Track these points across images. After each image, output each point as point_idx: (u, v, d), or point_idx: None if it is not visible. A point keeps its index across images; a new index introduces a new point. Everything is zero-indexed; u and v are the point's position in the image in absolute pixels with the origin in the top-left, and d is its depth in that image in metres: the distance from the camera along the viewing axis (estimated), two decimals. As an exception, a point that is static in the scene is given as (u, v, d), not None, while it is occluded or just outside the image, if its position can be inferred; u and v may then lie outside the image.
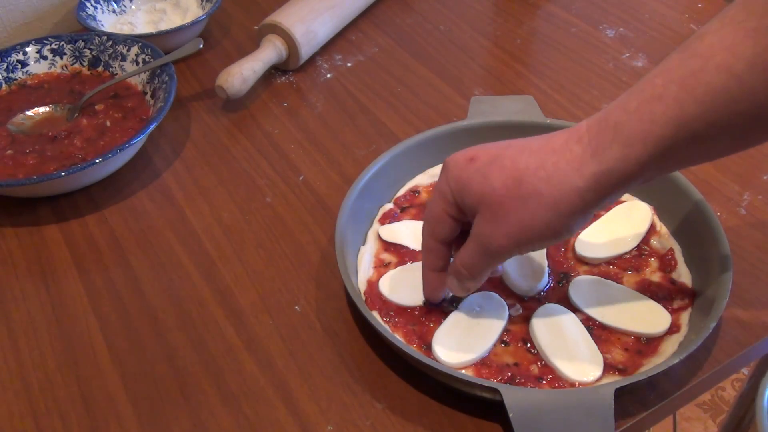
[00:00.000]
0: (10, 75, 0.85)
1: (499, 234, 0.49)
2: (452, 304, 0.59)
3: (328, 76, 0.90)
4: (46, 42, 0.86)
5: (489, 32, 0.97)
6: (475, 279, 0.53)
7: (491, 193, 0.48)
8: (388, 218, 0.67)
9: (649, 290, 0.60)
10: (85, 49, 0.87)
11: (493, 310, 0.59)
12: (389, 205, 0.68)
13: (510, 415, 0.48)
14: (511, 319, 0.59)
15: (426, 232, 0.55)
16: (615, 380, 0.53)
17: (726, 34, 0.41)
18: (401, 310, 0.59)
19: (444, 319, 0.58)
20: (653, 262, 0.63)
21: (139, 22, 0.97)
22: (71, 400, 0.56)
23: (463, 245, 0.53)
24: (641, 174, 0.44)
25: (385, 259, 0.64)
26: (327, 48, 0.95)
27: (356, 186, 0.65)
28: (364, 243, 0.65)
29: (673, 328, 0.57)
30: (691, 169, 0.73)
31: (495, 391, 0.50)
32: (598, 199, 0.46)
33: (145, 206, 0.73)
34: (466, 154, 0.51)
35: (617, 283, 0.61)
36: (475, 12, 1.01)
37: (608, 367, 0.55)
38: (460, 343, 0.56)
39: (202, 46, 0.84)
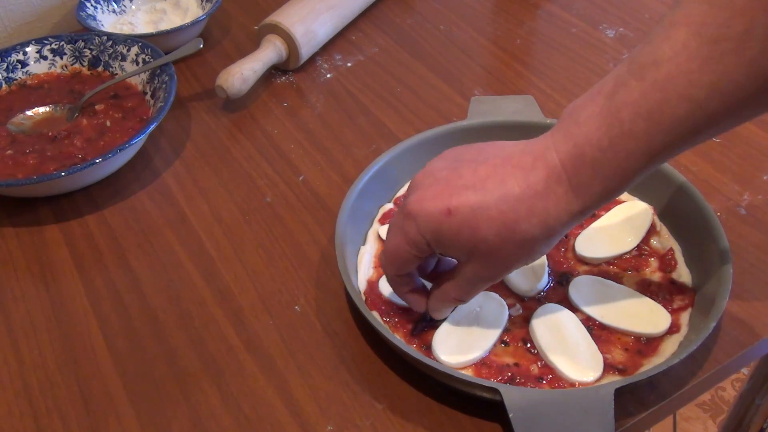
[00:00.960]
0: (10, 75, 0.85)
1: (495, 272, 0.51)
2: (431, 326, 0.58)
3: (328, 76, 0.90)
4: (46, 42, 0.86)
5: (489, 32, 0.97)
6: (461, 303, 0.56)
7: (484, 243, 0.48)
8: (388, 218, 0.67)
9: (649, 290, 0.60)
10: (85, 49, 0.87)
11: (493, 310, 0.59)
12: (389, 205, 0.68)
13: (510, 416, 0.48)
14: (511, 319, 0.59)
15: (391, 270, 0.54)
16: (615, 380, 0.53)
17: (682, 62, 0.41)
18: (401, 310, 0.59)
19: (444, 320, 0.58)
20: (653, 262, 0.63)
21: (139, 22, 0.97)
22: (71, 400, 0.56)
23: (446, 279, 0.54)
24: (617, 196, 0.48)
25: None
26: (327, 48, 0.95)
27: (356, 186, 0.65)
28: (364, 243, 0.65)
29: (673, 328, 0.57)
30: (691, 169, 0.73)
31: (495, 391, 0.50)
32: (584, 218, 0.49)
33: (145, 206, 0.73)
34: (435, 205, 0.49)
35: (617, 283, 0.61)
36: (475, 12, 1.01)
37: (608, 367, 0.55)
38: (460, 343, 0.56)
39: (202, 46, 0.84)
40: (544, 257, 0.62)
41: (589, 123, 0.45)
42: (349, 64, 0.92)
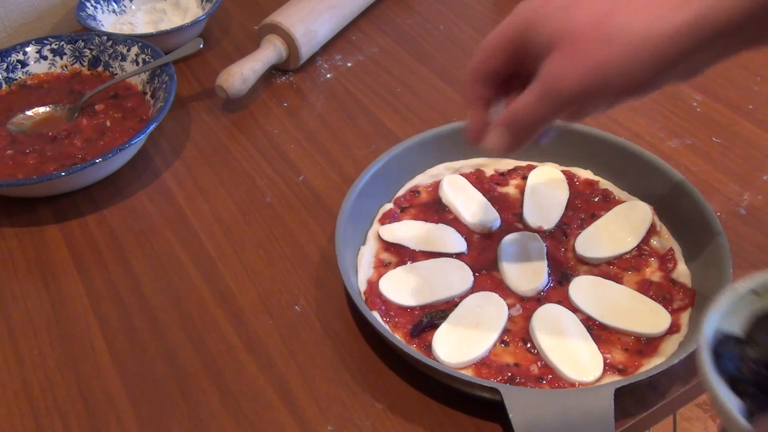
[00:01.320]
0: (10, 75, 0.85)
1: (572, 73, 0.44)
2: (431, 326, 0.58)
3: (328, 76, 0.90)
4: (46, 42, 0.86)
5: (489, 32, 0.97)
6: (526, 132, 0.49)
7: (572, 28, 0.44)
8: (388, 218, 0.67)
9: (649, 290, 0.60)
10: (85, 49, 0.87)
11: (493, 310, 0.59)
12: (389, 205, 0.68)
13: (510, 416, 0.48)
14: (511, 319, 0.59)
15: (472, 66, 0.50)
16: (615, 380, 0.53)
17: None
18: (401, 310, 0.59)
19: (444, 321, 0.58)
20: (653, 262, 0.63)
21: (139, 22, 0.97)
22: (71, 400, 0.56)
23: (524, 92, 0.48)
24: (733, 23, 0.41)
25: (385, 259, 0.64)
26: (327, 48, 0.95)
27: (356, 186, 0.65)
28: (364, 243, 0.65)
29: (673, 328, 0.57)
30: (691, 169, 0.73)
31: (495, 391, 0.50)
32: (687, 46, 0.42)
33: (145, 206, 0.73)
34: None
35: (617, 283, 0.61)
36: (475, 12, 1.01)
37: (608, 367, 0.55)
38: (460, 343, 0.56)
39: (202, 46, 0.84)
40: (544, 257, 0.62)
41: None
42: (349, 64, 0.92)
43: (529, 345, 0.57)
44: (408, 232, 0.65)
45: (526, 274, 0.61)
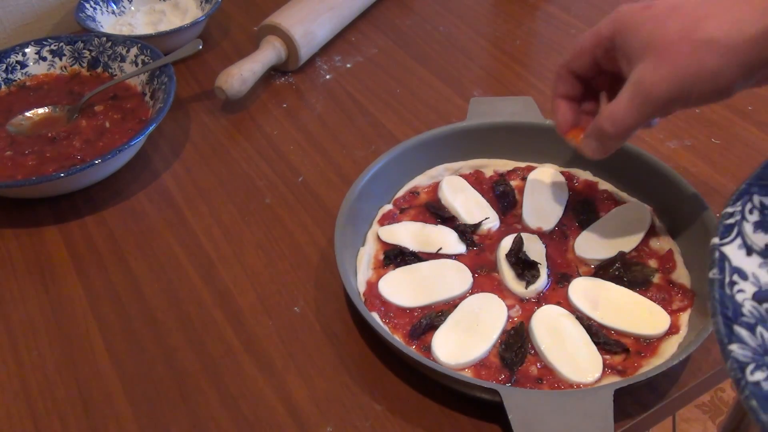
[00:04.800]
0: (10, 76, 0.85)
1: (662, 79, 0.48)
2: (430, 327, 0.58)
3: (328, 77, 0.90)
4: (45, 43, 0.86)
5: (488, 33, 0.97)
6: (620, 135, 0.52)
7: (663, 36, 0.47)
8: (388, 219, 0.67)
9: (648, 291, 0.60)
10: (85, 50, 0.87)
11: (493, 311, 0.59)
12: (389, 206, 0.68)
13: (510, 417, 0.48)
14: (510, 321, 0.59)
15: (562, 62, 0.55)
16: (614, 381, 0.53)
17: None
18: (401, 312, 0.59)
19: (443, 322, 0.58)
20: (653, 263, 0.63)
21: (138, 23, 0.97)
22: (70, 402, 0.56)
23: (616, 99, 0.52)
24: None
25: (385, 261, 0.64)
26: (326, 49, 0.95)
27: (355, 187, 0.65)
28: (363, 244, 0.65)
29: (673, 329, 0.57)
30: (690, 170, 0.74)
31: (494, 392, 0.50)
32: (760, 64, 0.46)
33: (145, 207, 0.73)
34: (642, 2, 0.50)
35: (617, 284, 0.61)
36: (474, 13, 1.01)
37: (607, 368, 0.55)
38: (460, 345, 0.56)
39: (201, 47, 0.84)
40: (544, 258, 0.62)
41: None
42: (348, 65, 0.92)
43: (528, 346, 0.57)
44: (407, 233, 0.65)
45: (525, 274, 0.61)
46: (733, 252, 0.39)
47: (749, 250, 0.40)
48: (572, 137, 0.59)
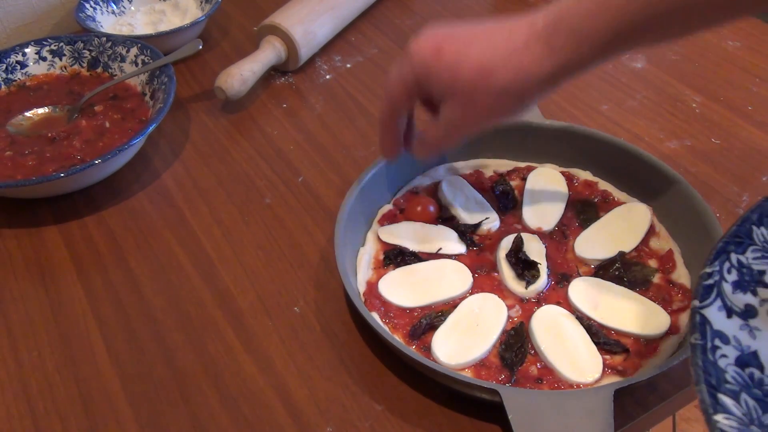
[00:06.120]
0: (9, 76, 0.85)
1: (469, 118, 0.56)
2: (430, 327, 0.58)
3: (328, 77, 0.90)
4: (45, 43, 0.86)
5: (488, 33, 0.97)
6: (436, 153, 0.64)
7: (462, 84, 0.54)
8: (388, 219, 0.67)
9: (648, 291, 0.60)
10: (85, 50, 0.87)
11: (493, 311, 0.58)
12: (388, 207, 0.68)
13: (510, 417, 0.48)
14: (510, 321, 0.59)
15: (383, 115, 0.61)
16: (614, 381, 0.53)
17: None
18: (401, 312, 0.59)
19: (443, 322, 0.58)
20: (652, 263, 0.63)
21: (138, 23, 0.97)
22: (70, 402, 0.56)
23: (432, 125, 0.59)
24: (582, 68, 0.52)
25: (385, 261, 0.64)
26: (326, 49, 0.95)
27: (355, 187, 0.65)
28: (363, 244, 0.65)
29: (673, 329, 0.57)
30: (690, 171, 0.74)
31: (494, 392, 0.50)
32: (554, 86, 0.53)
33: (145, 207, 0.73)
34: (429, 44, 0.55)
35: (616, 284, 0.61)
36: (473, 13, 1.01)
37: (607, 368, 0.55)
38: (460, 345, 0.56)
39: (201, 47, 0.84)
40: (544, 258, 0.62)
41: None
42: (348, 65, 0.92)
43: (528, 346, 0.57)
44: (407, 233, 0.65)
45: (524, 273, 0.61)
46: (714, 315, 0.39)
47: (729, 312, 0.40)
48: None
